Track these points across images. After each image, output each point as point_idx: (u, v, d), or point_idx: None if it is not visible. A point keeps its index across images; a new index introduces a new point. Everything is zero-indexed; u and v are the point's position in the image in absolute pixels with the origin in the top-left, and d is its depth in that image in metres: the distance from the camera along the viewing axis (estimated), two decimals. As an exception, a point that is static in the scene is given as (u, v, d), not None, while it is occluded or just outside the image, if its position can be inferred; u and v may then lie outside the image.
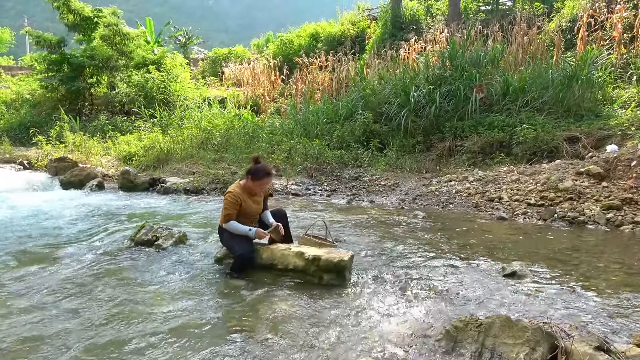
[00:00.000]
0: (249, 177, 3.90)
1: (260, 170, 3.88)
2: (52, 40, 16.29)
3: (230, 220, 3.84)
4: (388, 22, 19.30)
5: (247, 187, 3.94)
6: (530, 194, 6.53)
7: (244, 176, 4.01)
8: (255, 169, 3.89)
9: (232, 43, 28.82)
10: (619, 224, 5.48)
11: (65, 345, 2.64)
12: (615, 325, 2.86)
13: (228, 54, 24.79)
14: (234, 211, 3.85)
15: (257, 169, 3.89)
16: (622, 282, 3.70)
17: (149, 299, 3.33)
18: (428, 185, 7.86)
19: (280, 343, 2.66)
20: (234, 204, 3.85)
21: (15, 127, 15.53)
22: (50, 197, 7.70)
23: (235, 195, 3.87)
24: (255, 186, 3.92)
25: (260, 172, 3.87)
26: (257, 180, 3.88)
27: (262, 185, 3.95)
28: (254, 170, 3.88)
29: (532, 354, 2.28)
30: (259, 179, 3.88)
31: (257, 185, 3.92)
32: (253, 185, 3.91)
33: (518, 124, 8.92)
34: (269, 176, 3.95)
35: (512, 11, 16.70)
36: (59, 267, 4.07)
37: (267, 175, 3.93)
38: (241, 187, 3.94)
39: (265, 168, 3.93)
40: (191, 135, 11.55)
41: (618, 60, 10.84)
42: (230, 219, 3.84)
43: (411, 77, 11.28)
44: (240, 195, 3.89)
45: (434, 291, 3.44)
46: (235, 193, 3.88)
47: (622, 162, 6.47)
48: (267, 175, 3.91)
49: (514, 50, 12.11)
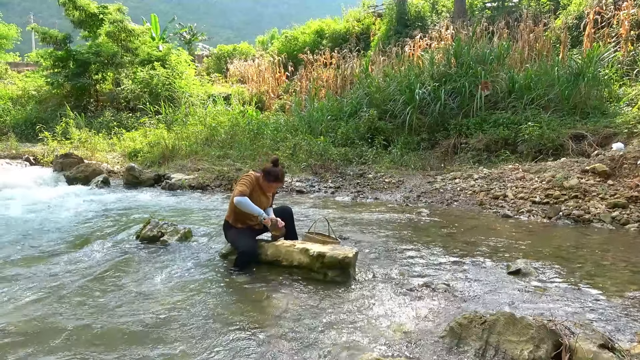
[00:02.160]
0: (262, 174, 4.03)
1: (272, 174, 3.99)
2: (58, 37, 16.36)
3: (244, 195, 3.84)
4: (393, 19, 19.26)
5: (259, 180, 4.04)
6: (536, 191, 6.51)
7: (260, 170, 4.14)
8: (268, 170, 4.01)
9: (237, 40, 28.89)
10: (624, 223, 5.46)
11: (70, 338, 2.67)
12: (619, 323, 2.86)
13: (233, 51, 24.82)
14: (248, 189, 3.91)
15: (269, 171, 4.00)
16: (627, 280, 3.69)
17: (153, 294, 3.35)
18: (432, 182, 7.85)
19: (284, 339, 2.67)
20: (249, 183, 3.94)
21: (21, 123, 15.64)
22: (56, 193, 7.75)
23: (252, 178, 4.00)
24: (264, 184, 4.05)
25: (271, 176, 3.99)
26: (266, 181, 4.02)
27: (270, 187, 4.08)
28: (267, 172, 4.01)
29: (536, 352, 2.28)
30: (268, 181, 4.01)
31: (266, 185, 4.05)
32: (262, 183, 4.04)
33: (523, 122, 8.88)
34: (278, 182, 4.07)
35: (518, 8, 16.60)
36: (65, 262, 4.10)
37: (276, 181, 4.05)
38: (256, 177, 4.06)
39: (277, 173, 4.02)
40: (196, 132, 11.57)
41: (625, 58, 10.76)
42: (244, 193, 3.85)
43: (416, 74, 11.25)
44: (255, 182, 4.01)
45: (438, 288, 3.44)
46: (252, 176, 4.02)
47: (628, 160, 6.44)
48: (276, 180, 4.03)
49: (519, 48, 12.05)
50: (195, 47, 28.36)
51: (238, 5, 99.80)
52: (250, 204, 3.85)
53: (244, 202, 3.83)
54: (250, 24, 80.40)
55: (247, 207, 3.84)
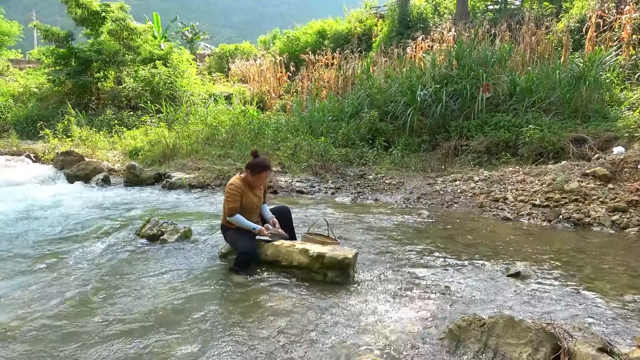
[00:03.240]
0: (248, 171, 3.93)
1: (258, 165, 3.90)
2: (60, 34, 16.36)
3: (235, 214, 3.84)
4: (395, 20, 19.25)
5: (246, 180, 3.96)
6: (536, 194, 6.51)
7: (244, 170, 4.04)
8: (253, 163, 3.91)
9: (238, 39, 28.90)
10: (624, 226, 5.46)
11: (69, 335, 2.68)
12: (618, 327, 2.86)
13: (234, 50, 24.83)
14: (237, 203, 3.86)
15: (254, 163, 3.91)
16: (626, 284, 3.69)
17: (153, 293, 3.36)
18: (433, 184, 7.85)
19: (283, 339, 2.68)
20: (236, 195, 3.86)
21: (22, 121, 15.65)
22: (56, 191, 7.75)
23: (237, 187, 3.89)
24: (254, 180, 3.95)
25: (258, 167, 3.90)
26: (255, 175, 3.91)
27: (260, 179, 3.98)
28: (252, 165, 3.91)
29: (534, 355, 2.28)
30: (257, 174, 3.91)
31: (255, 180, 3.95)
32: (252, 179, 3.94)
33: (524, 125, 8.87)
34: (266, 170, 3.96)
35: (520, 11, 16.60)
36: (64, 260, 4.10)
37: (265, 169, 3.94)
38: (242, 179, 3.96)
39: (263, 162, 3.94)
40: (197, 131, 11.58)
41: (626, 62, 10.75)
42: (234, 211, 3.85)
43: (418, 76, 11.24)
44: (241, 187, 3.91)
45: (437, 290, 3.45)
46: (236, 185, 3.90)
47: (628, 164, 6.44)
48: (264, 169, 3.93)
49: (521, 50, 12.04)
50: (197, 46, 28.36)
51: (239, 5, 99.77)
52: (243, 221, 3.84)
53: (236, 220, 3.84)
54: (251, 24, 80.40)
55: (240, 224, 3.85)
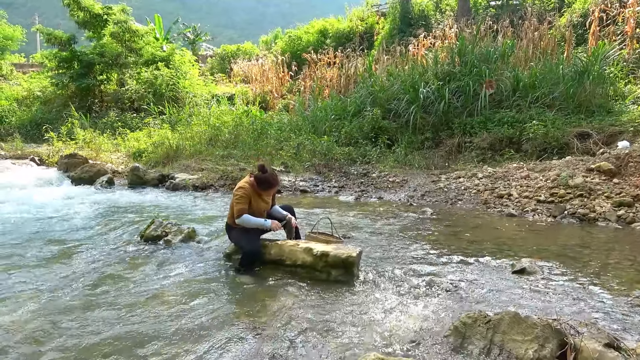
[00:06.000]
0: (255, 182, 3.94)
1: (265, 181, 3.91)
2: (63, 38, 16.44)
3: (243, 214, 3.85)
4: (397, 18, 19.20)
5: (255, 187, 3.97)
6: (540, 190, 6.48)
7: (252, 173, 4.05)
8: (261, 179, 3.91)
9: (240, 39, 28.90)
10: (630, 221, 5.43)
11: (73, 336, 2.68)
12: (625, 323, 2.84)
13: (236, 51, 24.84)
14: (245, 205, 3.88)
15: (263, 179, 3.91)
16: (633, 279, 3.66)
17: (157, 293, 3.36)
18: (437, 181, 7.82)
19: (287, 338, 2.67)
20: (245, 197, 3.89)
21: (27, 124, 15.76)
22: (61, 193, 7.78)
23: (246, 190, 3.91)
24: (261, 191, 3.98)
25: (265, 183, 3.92)
26: (262, 190, 3.94)
27: (267, 193, 4.02)
28: (259, 180, 3.92)
29: (541, 351, 2.27)
30: (264, 190, 3.95)
31: (262, 192, 3.98)
32: (259, 191, 3.96)
33: (528, 120, 8.84)
34: (273, 187, 3.99)
35: (522, 6, 16.51)
36: (69, 261, 4.12)
37: (271, 187, 3.97)
38: (251, 184, 3.97)
39: (270, 179, 3.92)
40: (200, 132, 11.59)
41: (630, 56, 10.69)
42: (243, 212, 3.86)
43: (420, 73, 11.22)
44: (250, 192, 3.92)
45: (442, 287, 3.43)
46: (245, 189, 3.92)
47: (633, 159, 6.40)
48: (271, 186, 3.96)
49: (524, 46, 11.98)
50: (199, 47, 28.38)
51: (240, 5, 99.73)
52: (252, 220, 3.85)
53: (245, 220, 3.85)
54: (252, 24, 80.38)
55: (250, 223, 3.86)
